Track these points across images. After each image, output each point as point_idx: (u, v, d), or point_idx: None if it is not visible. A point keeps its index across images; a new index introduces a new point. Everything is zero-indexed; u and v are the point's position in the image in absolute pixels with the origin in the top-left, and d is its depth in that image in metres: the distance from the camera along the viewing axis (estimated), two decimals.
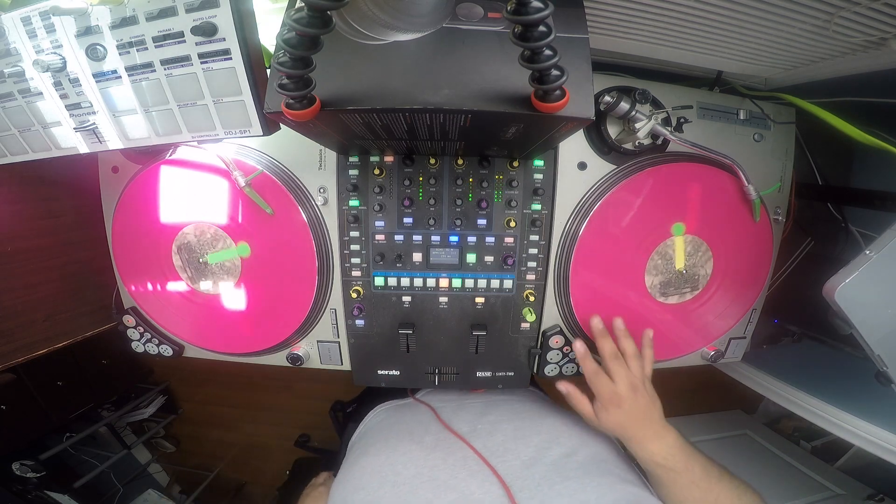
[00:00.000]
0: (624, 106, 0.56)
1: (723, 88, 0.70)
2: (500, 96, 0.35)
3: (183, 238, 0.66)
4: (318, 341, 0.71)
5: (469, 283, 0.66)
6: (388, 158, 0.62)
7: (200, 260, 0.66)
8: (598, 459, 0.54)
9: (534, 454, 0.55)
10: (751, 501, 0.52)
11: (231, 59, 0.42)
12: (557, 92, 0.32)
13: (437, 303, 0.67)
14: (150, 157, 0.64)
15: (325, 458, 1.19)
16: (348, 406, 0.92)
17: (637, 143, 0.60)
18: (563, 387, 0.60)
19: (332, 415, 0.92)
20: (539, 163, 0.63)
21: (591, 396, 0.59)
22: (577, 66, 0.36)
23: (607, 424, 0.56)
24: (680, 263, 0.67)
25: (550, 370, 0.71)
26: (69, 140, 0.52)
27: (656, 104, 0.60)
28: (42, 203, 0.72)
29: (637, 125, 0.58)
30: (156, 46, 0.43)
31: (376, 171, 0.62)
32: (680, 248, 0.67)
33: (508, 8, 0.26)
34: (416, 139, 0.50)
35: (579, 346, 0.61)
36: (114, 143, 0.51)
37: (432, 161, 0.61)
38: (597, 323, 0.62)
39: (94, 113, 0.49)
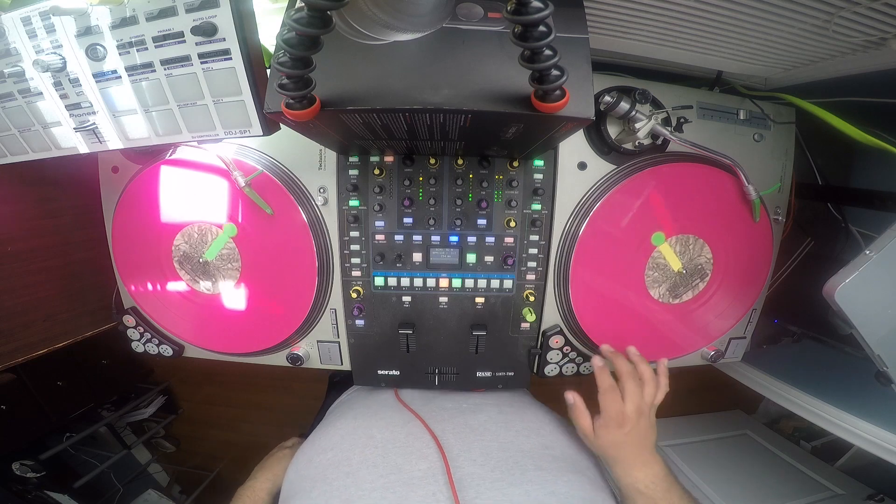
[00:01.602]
0: (624, 106, 0.56)
1: (723, 88, 0.70)
2: (500, 96, 0.35)
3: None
4: (318, 341, 0.71)
5: (469, 283, 0.66)
6: (388, 158, 0.62)
7: (200, 259, 0.66)
8: (573, 459, 0.54)
9: (512, 438, 0.56)
10: None
11: (231, 59, 0.42)
12: (557, 92, 0.32)
13: (437, 303, 0.67)
14: (150, 157, 0.64)
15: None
16: (336, 375, 0.91)
17: (637, 143, 0.60)
18: (571, 396, 0.59)
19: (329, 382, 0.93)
20: (539, 163, 0.63)
21: (593, 413, 0.58)
22: (577, 66, 0.36)
23: (603, 442, 0.55)
24: (676, 265, 0.67)
25: (550, 370, 0.71)
26: (69, 140, 0.52)
27: (656, 104, 0.60)
28: (42, 203, 0.72)
29: (637, 125, 0.58)
30: (156, 46, 0.43)
31: (376, 171, 0.62)
32: (668, 253, 0.67)
33: (508, 8, 0.26)
34: (416, 139, 0.50)
35: (598, 360, 0.60)
36: (114, 143, 0.51)
37: (432, 161, 0.61)
38: (607, 348, 0.62)
39: (94, 113, 0.49)
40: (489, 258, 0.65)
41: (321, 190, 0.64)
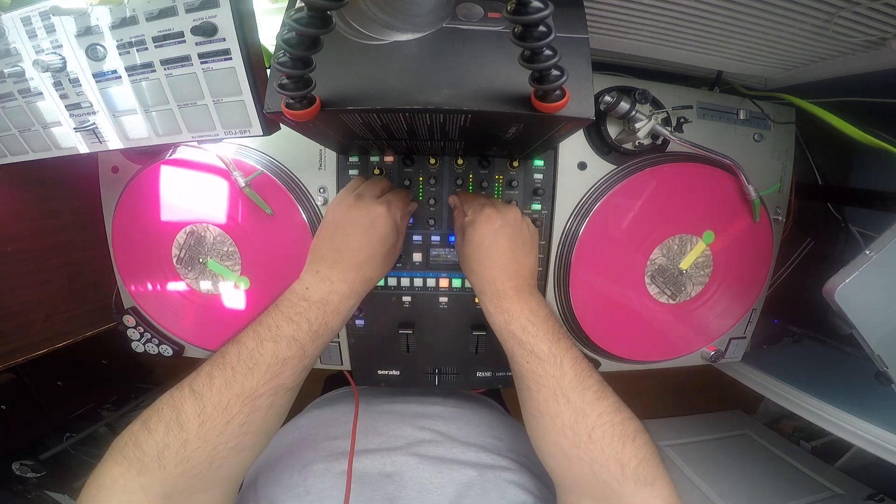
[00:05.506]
0: (624, 106, 0.56)
1: (723, 88, 0.70)
2: (500, 96, 0.35)
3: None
4: None
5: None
6: (389, 158, 0.62)
7: (200, 260, 0.66)
8: (520, 453, 0.57)
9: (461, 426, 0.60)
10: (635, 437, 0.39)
11: (231, 59, 0.42)
12: (557, 92, 0.32)
13: (437, 303, 0.67)
14: (150, 157, 0.64)
15: None
16: (329, 379, 0.93)
17: (637, 143, 0.60)
18: (452, 200, 0.57)
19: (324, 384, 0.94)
20: (539, 163, 0.63)
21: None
22: (577, 66, 0.36)
23: (470, 248, 0.46)
24: (686, 264, 0.67)
25: None
26: (69, 140, 0.52)
27: (656, 104, 0.60)
28: (42, 203, 0.72)
29: (637, 125, 0.58)
30: (156, 46, 0.43)
31: (376, 172, 0.62)
32: (696, 252, 0.67)
33: (508, 8, 0.26)
34: (416, 139, 0.50)
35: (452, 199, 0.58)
36: (114, 143, 0.51)
37: (432, 161, 0.61)
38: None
39: (94, 113, 0.49)
40: None
41: (321, 190, 0.64)
